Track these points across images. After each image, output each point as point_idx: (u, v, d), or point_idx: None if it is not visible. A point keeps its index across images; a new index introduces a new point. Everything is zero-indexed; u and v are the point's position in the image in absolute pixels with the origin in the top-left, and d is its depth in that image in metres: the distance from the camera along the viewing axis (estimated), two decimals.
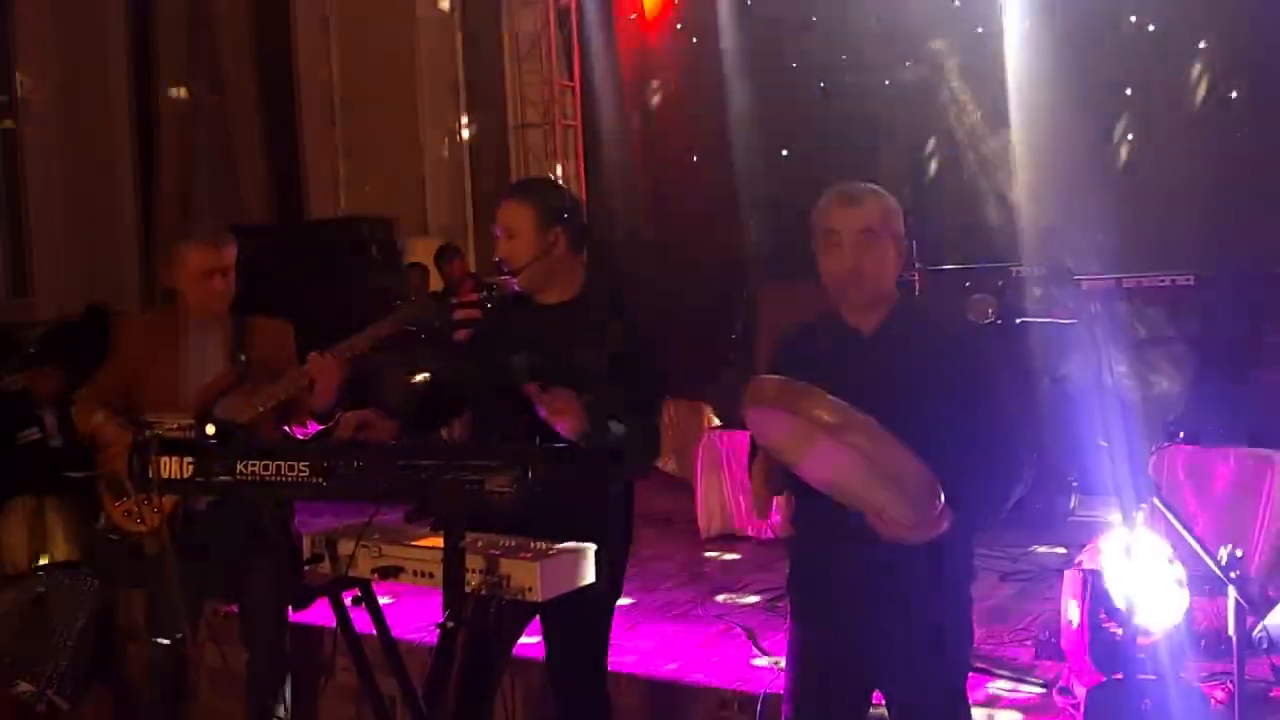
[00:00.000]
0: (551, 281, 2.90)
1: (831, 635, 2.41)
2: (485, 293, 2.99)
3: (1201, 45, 6.40)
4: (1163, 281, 5.27)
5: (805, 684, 2.48)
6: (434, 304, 3.36)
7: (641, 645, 3.97)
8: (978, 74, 7.03)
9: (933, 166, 7.04)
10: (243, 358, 3.39)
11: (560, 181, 8.93)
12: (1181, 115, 6.41)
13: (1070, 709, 3.15)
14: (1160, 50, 6.50)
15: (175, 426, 2.58)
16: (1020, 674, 3.52)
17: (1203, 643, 3.54)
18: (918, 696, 2.39)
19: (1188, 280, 5.17)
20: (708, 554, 5.50)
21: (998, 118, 6.83)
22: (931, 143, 7.25)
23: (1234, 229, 6.08)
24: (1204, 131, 6.36)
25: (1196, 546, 2.59)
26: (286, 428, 3.41)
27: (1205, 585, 3.59)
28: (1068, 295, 5.39)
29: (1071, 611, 3.36)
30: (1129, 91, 6.54)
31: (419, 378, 6.92)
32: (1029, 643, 3.80)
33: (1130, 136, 6.54)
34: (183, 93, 11.36)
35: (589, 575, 2.41)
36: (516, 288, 2.92)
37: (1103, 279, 5.71)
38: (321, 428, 3.25)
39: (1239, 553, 3.18)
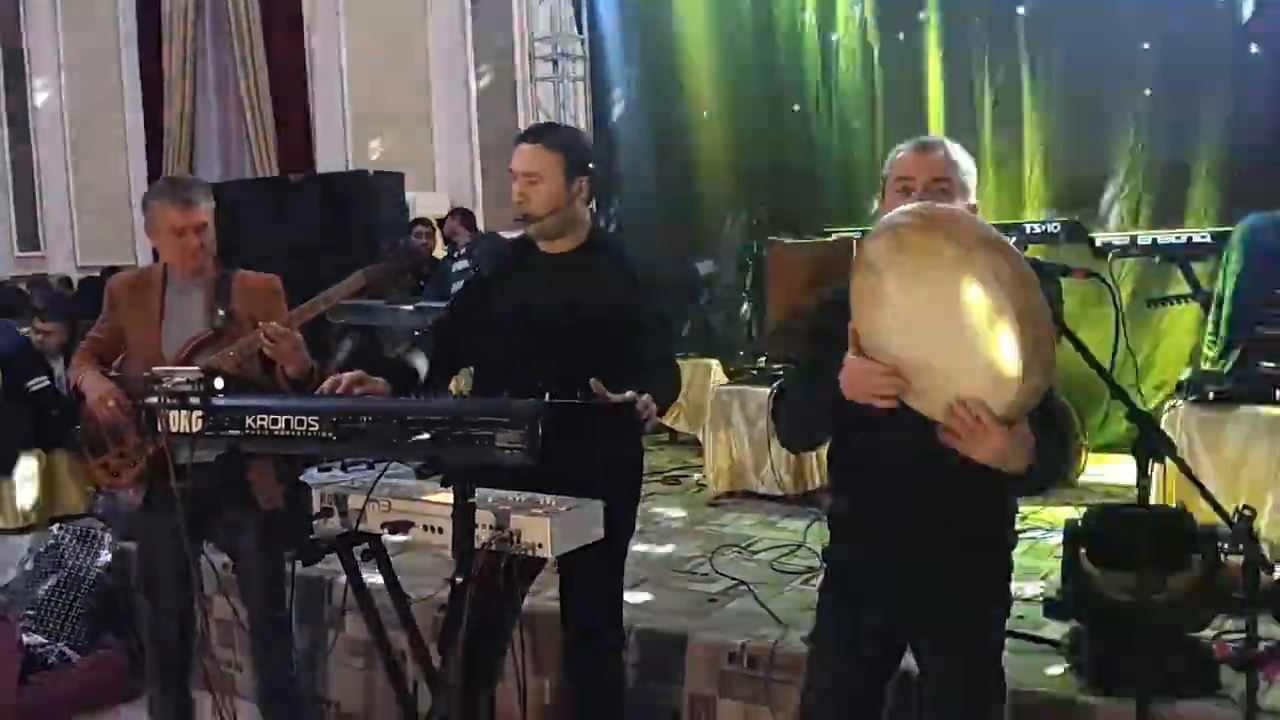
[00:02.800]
0: (566, 230, 2.88)
1: (866, 591, 2.40)
2: (480, 245, 2.97)
3: None
4: (1179, 238, 5.23)
5: (836, 634, 2.47)
6: (397, 260, 3.31)
7: (649, 601, 3.98)
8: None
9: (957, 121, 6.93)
10: (222, 312, 3.36)
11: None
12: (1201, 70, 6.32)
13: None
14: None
15: (185, 380, 2.56)
16: (1030, 633, 3.51)
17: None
18: (949, 654, 2.38)
19: (1204, 237, 5.12)
20: (715, 511, 5.51)
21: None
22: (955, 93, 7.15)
23: (1250, 184, 6.03)
24: (1220, 88, 6.28)
25: (1209, 503, 2.57)
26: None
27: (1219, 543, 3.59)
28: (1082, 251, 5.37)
29: None
30: (1146, 46, 6.44)
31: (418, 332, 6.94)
32: (1039, 601, 3.79)
33: (1148, 93, 6.44)
34: (190, 46, 11.26)
35: (599, 531, 2.41)
36: (527, 233, 2.89)
37: (1116, 236, 5.67)
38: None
39: (1251, 511, 3.18)
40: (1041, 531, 4.76)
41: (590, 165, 2.89)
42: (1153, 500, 2.67)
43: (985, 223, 1.95)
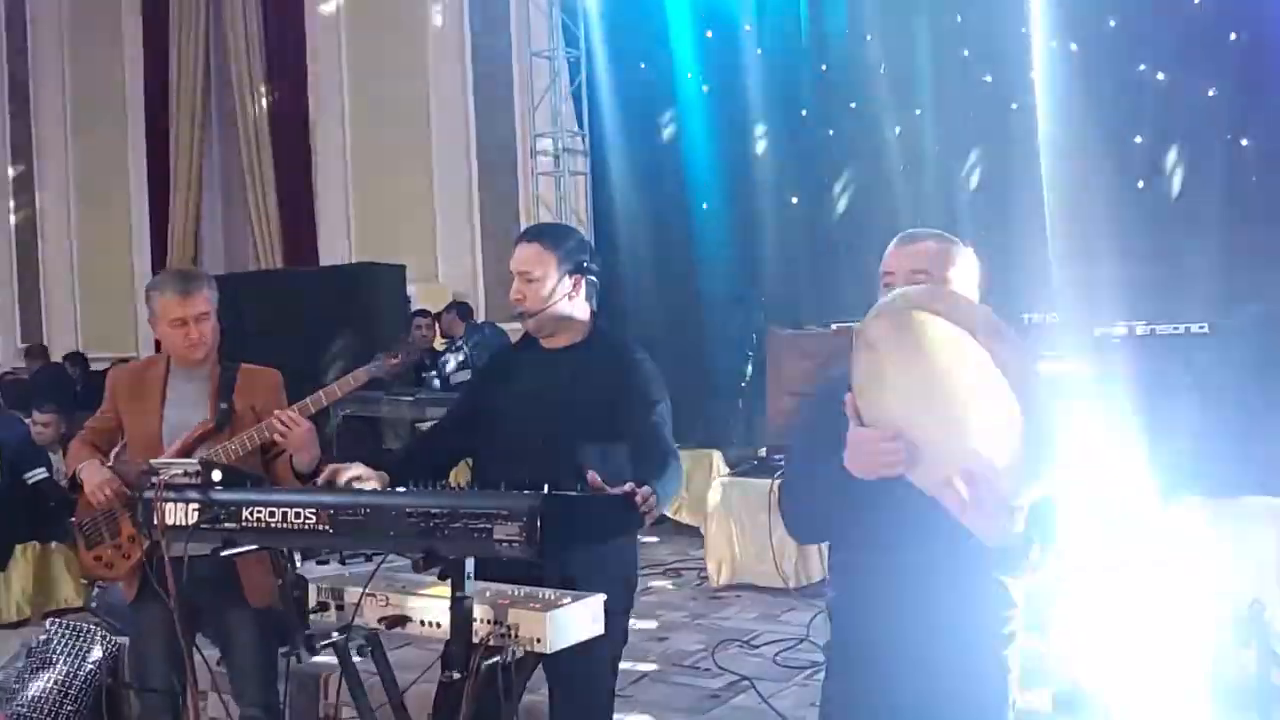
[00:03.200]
0: (563, 327, 2.91)
1: (870, 689, 2.36)
2: (475, 335, 3.00)
3: (1211, 94, 6.42)
4: (1178, 330, 5.24)
5: None
6: (407, 353, 3.34)
7: (650, 697, 3.91)
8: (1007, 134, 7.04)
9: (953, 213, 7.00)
10: (224, 405, 3.35)
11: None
12: (1194, 163, 6.42)
13: None
14: (1170, 98, 6.52)
15: (182, 472, 2.55)
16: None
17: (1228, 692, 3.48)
18: None
19: (1203, 329, 5.13)
20: (717, 603, 5.44)
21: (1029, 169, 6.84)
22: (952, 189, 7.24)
23: (1248, 277, 6.08)
24: (1216, 180, 6.37)
25: (1217, 596, 2.54)
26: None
27: (1231, 635, 3.54)
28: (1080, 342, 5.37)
29: None
30: (1139, 140, 6.56)
31: (424, 425, 6.94)
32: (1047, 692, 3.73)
33: (1140, 185, 6.54)
34: (197, 143, 11.46)
35: (598, 626, 2.37)
36: (526, 329, 2.91)
37: (1117, 327, 5.68)
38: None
39: (1259, 604, 3.15)
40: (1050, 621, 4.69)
41: (586, 263, 2.93)
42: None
43: (985, 307, 1.96)
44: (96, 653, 4.74)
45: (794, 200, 8.05)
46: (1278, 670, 2.91)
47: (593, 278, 2.95)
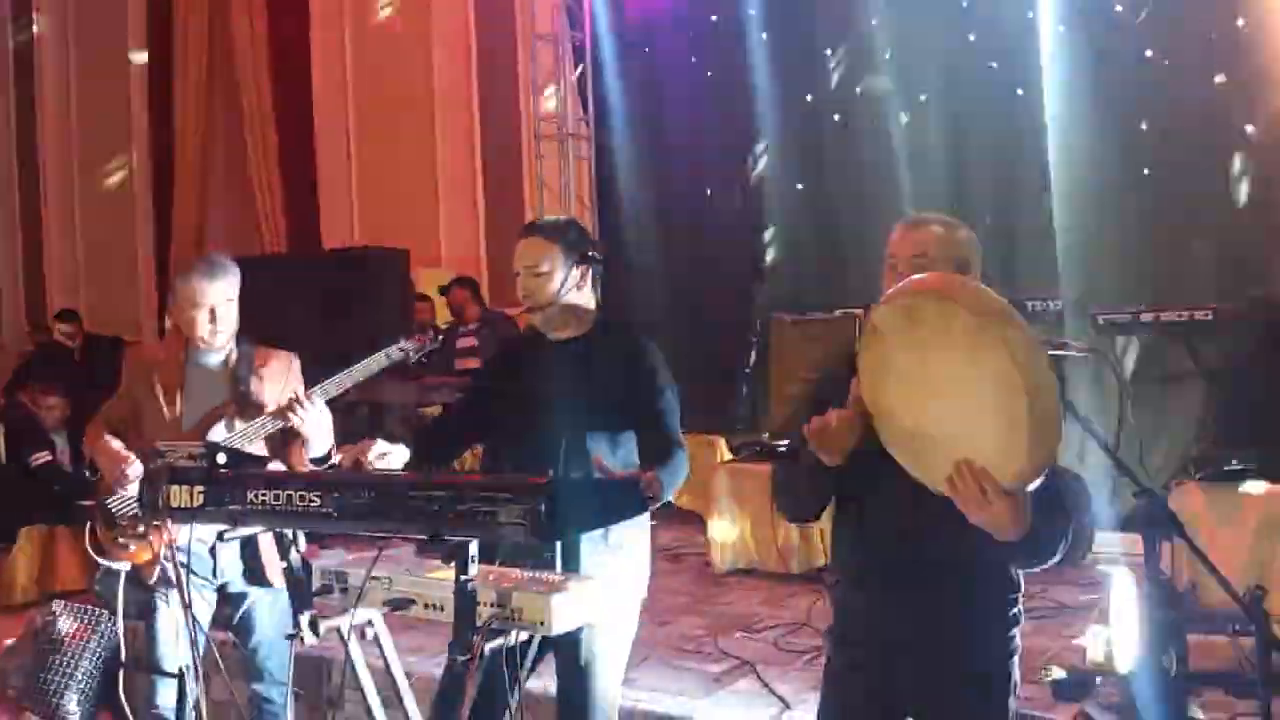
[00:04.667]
0: (571, 319, 2.92)
1: (870, 678, 2.37)
2: (487, 328, 3.02)
3: (1217, 80, 6.40)
4: (1181, 315, 5.23)
5: (839, 713, 2.44)
6: (423, 339, 3.36)
7: (652, 680, 3.93)
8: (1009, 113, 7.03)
9: (959, 199, 6.99)
10: (242, 389, 3.38)
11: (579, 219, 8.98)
12: (1197, 149, 6.41)
13: None
14: (1176, 85, 6.50)
15: (187, 455, 2.56)
16: (1038, 715, 3.45)
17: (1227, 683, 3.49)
18: None
19: (1206, 315, 5.13)
20: (719, 589, 5.45)
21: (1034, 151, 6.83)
22: (958, 174, 7.23)
23: (1250, 261, 6.07)
24: (1219, 166, 6.36)
25: (1219, 582, 2.54)
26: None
27: (1229, 623, 3.55)
28: (1084, 327, 5.37)
29: None
30: (1144, 126, 6.54)
31: (430, 410, 6.94)
32: (1047, 683, 3.74)
33: (1147, 172, 6.53)
34: (201, 126, 11.44)
35: (602, 609, 2.38)
36: (533, 323, 2.92)
37: (1120, 312, 5.68)
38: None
39: (1261, 590, 3.15)
40: (1051, 610, 4.70)
41: (591, 253, 2.94)
42: (1161, 579, 2.64)
43: (996, 294, 1.96)
44: (103, 634, 4.76)
45: (799, 186, 8.03)
46: (1278, 655, 2.91)
47: (598, 265, 2.96)
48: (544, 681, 3.35)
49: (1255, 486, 4.35)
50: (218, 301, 3.35)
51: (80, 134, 12.84)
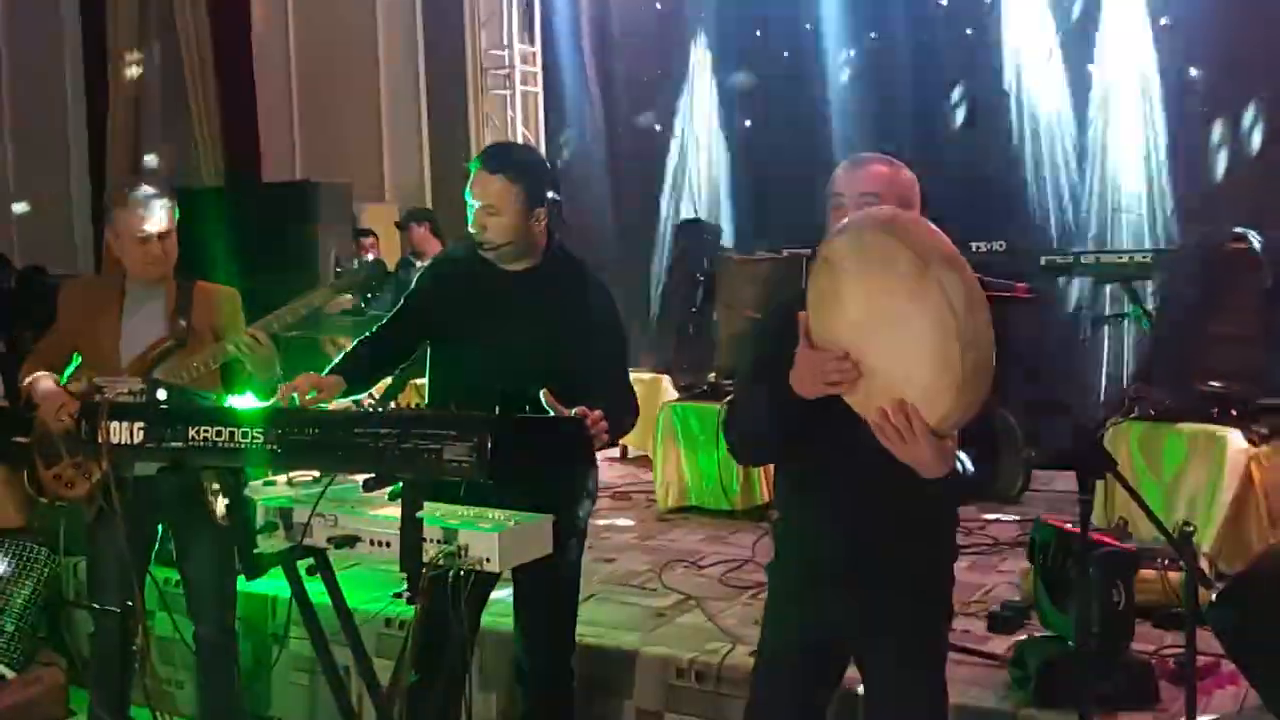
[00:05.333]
0: (523, 255, 2.89)
1: (809, 610, 2.42)
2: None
3: (1163, 21, 6.45)
4: (1121, 258, 5.32)
5: (779, 649, 2.49)
6: (367, 272, 3.31)
7: (599, 616, 3.97)
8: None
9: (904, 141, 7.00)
10: (183, 323, 3.32)
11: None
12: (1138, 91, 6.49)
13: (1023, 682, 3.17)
14: (1125, 28, 6.55)
15: (127, 391, 2.52)
16: (973, 647, 3.53)
17: (1155, 616, 3.60)
18: (893, 669, 2.39)
19: (1146, 258, 5.21)
20: (664, 526, 5.50)
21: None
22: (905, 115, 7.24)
23: (1190, 204, 6.18)
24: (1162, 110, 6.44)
25: (1151, 521, 2.61)
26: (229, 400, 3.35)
27: (1158, 559, 3.65)
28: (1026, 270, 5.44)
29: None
30: (1091, 68, 6.59)
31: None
32: (983, 616, 3.83)
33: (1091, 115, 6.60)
34: (136, 59, 11.10)
35: (548, 546, 2.39)
36: (487, 258, 2.88)
37: (1061, 255, 5.76)
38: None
39: (1191, 527, 3.23)
40: (987, 546, 4.80)
41: (550, 194, 2.88)
42: (1094, 515, 2.71)
43: (945, 237, 1.97)
44: (40, 572, 4.71)
45: (747, 124, 8.00)
46: (1204, 592, 3.01)
47: (555, 197, 2.91)
48: (491, 617, 3.39)
49: (1187, 427, 4.46)
50: (158, 226, 3.28)
51: (10, 67, 12.41)
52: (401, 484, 2.26)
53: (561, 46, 8.85)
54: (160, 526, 3.46)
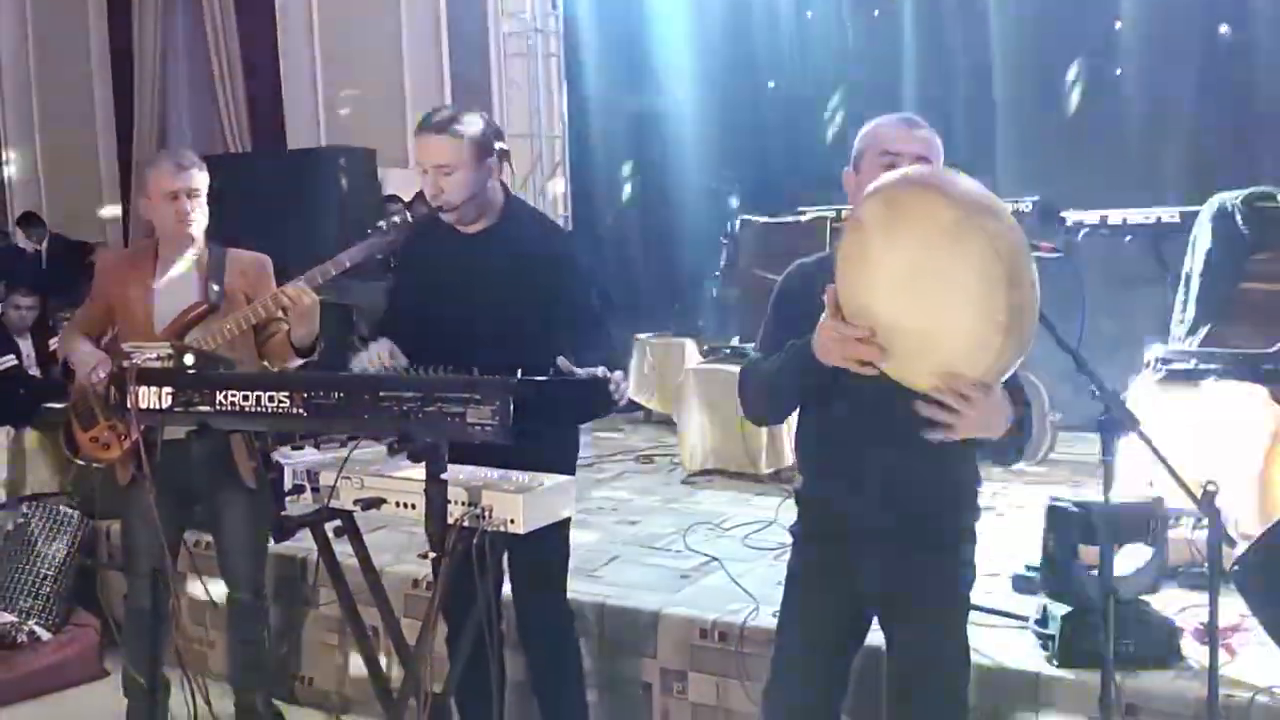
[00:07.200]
0: (483, 212, 2.89)
1: (832, 571, 2.43)
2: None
3: None
4: (1148, 218, 5.26)
5: (802, 610, 2.50)
6: (399, 233, 3.32)
7: (622, 578, 4.00)
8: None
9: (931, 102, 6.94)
10: (216, 288, 3.37)
11: (540, 112, 8.90)
12: (1168, 52, 6.40)
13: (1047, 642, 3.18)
14: None
15: (155, 356, 2.56)
16: (996, 608, 3.54)
17: (1179, 574, 3.59)
18: (916, 629, 2.41)
19: (1173, 217, 5.16)
20: (688, 489, 5.53)
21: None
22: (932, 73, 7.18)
23: (1219, 164, 6.09)
24: (1191, 69, 6.35)
25: (1174, 479, 2.60)
26: (267, 364, 3.39)
27: (1182, 518, 3.64)
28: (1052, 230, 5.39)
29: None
30: (1118, 25, 6.50)
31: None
32: (1007, 576, 3.83)
33: (1119, 72, 6.51)
34: (161, 25, 11.11)
35: (569, 508, 2.42)
36: (449, 221, 2.88)
37: (1088, 215, 5.70)
38: (305, 361, 3.24)
39: (1214, 486, 3.21)
40: (1009, 507, 4.80)
41: (497, 143, 2.88)
42: (1118, 477, 2.70)
43: (982, 187, 1.96)
44: (73, 535, 4.78)
45: (771, 85, 7.94)
46: (1229, 551, 3.00)
47: (503, 148, 2.89)
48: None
49: (1211, 386, 4.42)
50: (191, 188, 3.35)
51: (36, 37, 12.45)
52: (425, 446, 2.27)
53: (584, 9, 8.79)
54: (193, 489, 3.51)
